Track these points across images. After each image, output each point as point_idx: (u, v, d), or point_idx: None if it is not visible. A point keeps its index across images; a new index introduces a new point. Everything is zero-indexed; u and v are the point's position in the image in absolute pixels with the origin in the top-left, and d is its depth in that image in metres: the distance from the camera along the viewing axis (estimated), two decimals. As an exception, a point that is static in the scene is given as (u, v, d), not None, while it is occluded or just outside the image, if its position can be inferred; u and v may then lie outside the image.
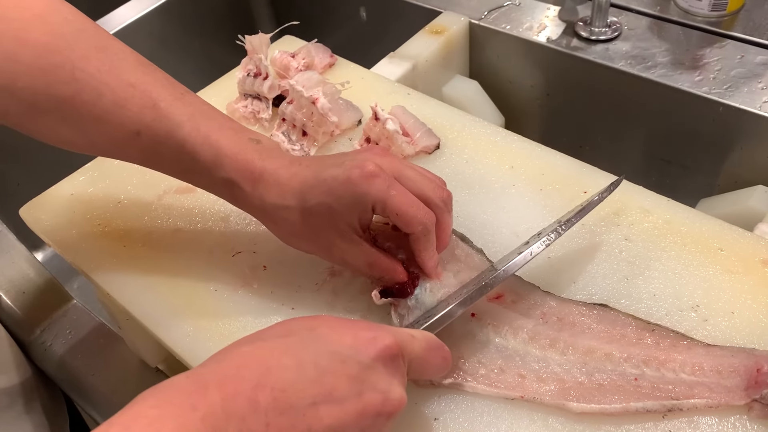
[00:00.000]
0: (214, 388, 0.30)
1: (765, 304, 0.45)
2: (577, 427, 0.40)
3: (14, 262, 0.65)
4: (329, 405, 0.33)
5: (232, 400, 0.30)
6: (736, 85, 0.65)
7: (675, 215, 0.51)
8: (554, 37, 0.74)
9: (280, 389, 0.32)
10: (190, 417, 0.29)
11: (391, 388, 0.35)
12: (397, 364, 0.36)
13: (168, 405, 0.29)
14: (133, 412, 0.29)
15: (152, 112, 0.45)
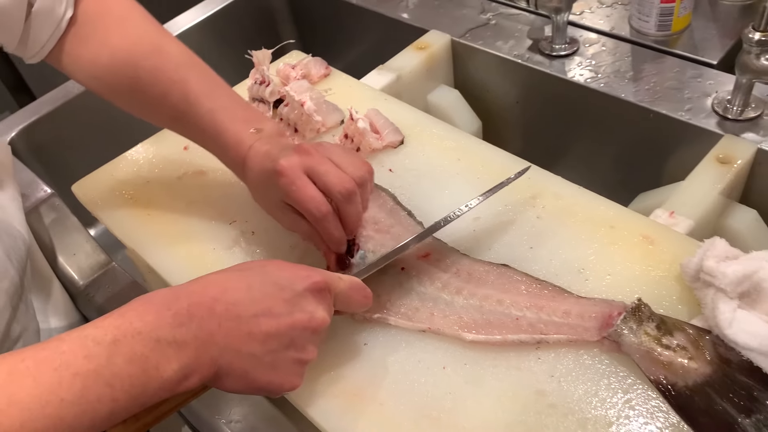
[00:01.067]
0: (184, 297, 0.43)
1: (637, 268, 0.56)
2: (469, 353, 0.53)
3: (68, 231, 0.81)
4: (267, 317, 0.45)
5: (196, 306, 0.43)
6: (666, 95, 0.76)
7: (580, 199, 0.62)
8: (522, 53, 0.86)
9: (231, 303, 0.44)
10: (164, 312, 0.42)
11: (316, 311, 0.47)
12: (323, 295, 0.49)
13: (150, 304, 0.42)
14: (126, 307, 0.42)
15: (185, 104, 0.60)
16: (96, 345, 0.38)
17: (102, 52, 0.62)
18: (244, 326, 0.44)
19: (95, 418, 0.38)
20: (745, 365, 0.49)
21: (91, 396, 0.37)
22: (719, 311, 0.49)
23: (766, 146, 0.69)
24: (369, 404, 0.51)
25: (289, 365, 0.47)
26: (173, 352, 0.40)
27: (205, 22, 1.04)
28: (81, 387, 0.37)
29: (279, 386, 0.47)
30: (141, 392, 0.39)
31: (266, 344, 0.45)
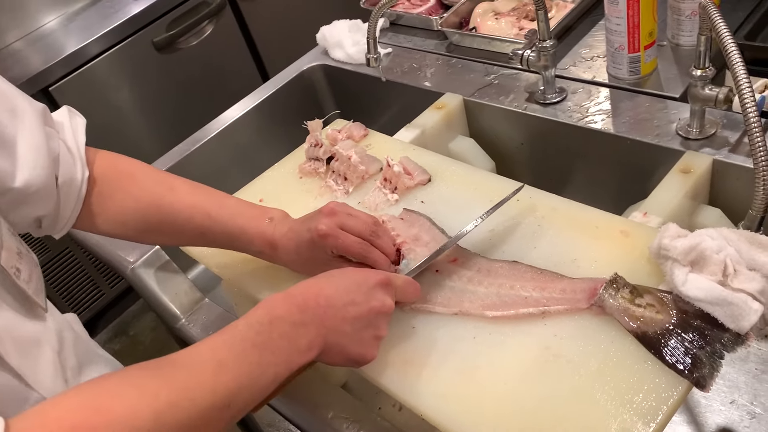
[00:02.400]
0: (298, 295, 0.61)
1: (616, 256, 0.73)
2: (492, 326, 0.70)
3: (170, 275, 1.01)
4: (353, 306, 0.63)
5: (306, 300, 0.61)
6: (639, 125, 0.94)
7: (570, 209, 0.80)
8: (521, 104, 1.06)
9: (327, 296, 0.62)
10: (291, 305, 0.60)
11: (385, 299, 0.65)
12: (388, 288, 0.66)
13: (280, 301, 0.60)
14: (265, 303, 0.60)
15: (209, 221, 0.75)
16: (261, 326, 0.57)
17: (127, 202, 0.74)
18: (339, 312, 0.62)
19: (268, 378, 0.56)
20: (699, 313, 0.65)
21: (264, 360, 0.56)
22: (675, 275, 0.66)
23: (719, 157, 0.86)
24: (422, 368, 0.68)
25: (370, 340, 0.64)
26: (303, 330, 0.59)
27: (262, 105, 1.27)
28: (259, 354, 0.56)
29: (363, 356, 0.64)
30: (288, 359, 0.58)
31: (354, 324, 0.62)
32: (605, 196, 1.04)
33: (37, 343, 0.60)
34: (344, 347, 0.62)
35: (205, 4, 1.93)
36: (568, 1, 1.21)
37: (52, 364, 0.60)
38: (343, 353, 0.63)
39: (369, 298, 0.64)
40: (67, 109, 0.75)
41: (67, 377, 0.62)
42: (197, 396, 0.51)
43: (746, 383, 0.85)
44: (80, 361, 0.66)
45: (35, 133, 0.64)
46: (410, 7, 1.35)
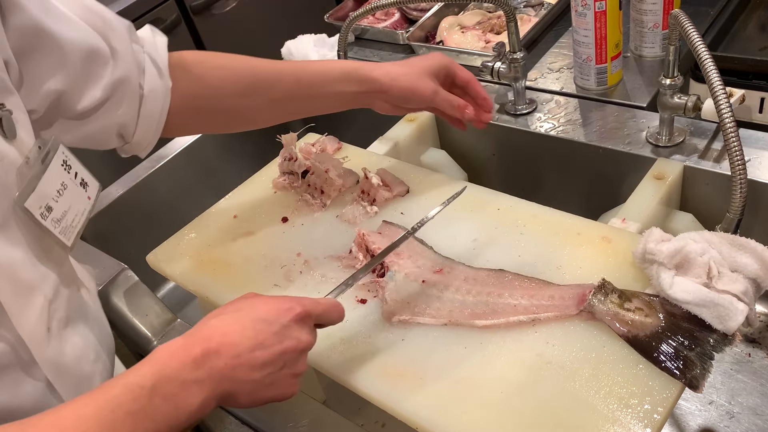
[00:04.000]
0: (197, 345, 0.54)
1: (600, 260, 0.74)
2: (482, 335, 0.69)
3: (139, 296, 0.98)
4: (261, 350, 0.55)
5: (206, 351, 0.54)
6: (610, 134, 0.96)
7: (552, 216, 0.81)
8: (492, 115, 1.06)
9: (232, 344, 0.55)
10: (185, 360, 0.53)
11: (301, 335, 0.58)
12: (305, 321, 0.59)
13: (174, 354, 0.53)
14: (155, 356, 0.53)
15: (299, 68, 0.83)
16: (140, 389, 0.51)
17: (219, 72, 0.80)
18: (244, 361, 0.55)
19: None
20: (686, 315, 0.66)
21: (140, 429, 0.50)
22: (662, 279, 0.67)
23: (689, 163, 0.88)
24: (414, 380, 0.67)
25: (286, 380, 0.58)
26: (197, 389, 0.53)
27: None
28: (132, 423, 0.49)
29: (280, 397, 0.58)
30: (176, 423, 0.52)
31: (264, 370, 0.56)
32: (577, 203, 1.05)
33: (32, 289, 0.59)
34: (254, 394, 0.57)
35: (159, 21, 1.90)
36: (532, 14, 1.24)
37: (39, 311, 0.59)
38: (253, 399, 0.57)
39: (281, 338, 0.57)
40: (150, 27, 0.79)
41: (52, 327, 0.61)
42: None
43: (723, 383, 0.86)
44: (69, 316, 0.65)
45: (124, 44, 0.71)
46: (375, 21, 1.35)
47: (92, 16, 0.69)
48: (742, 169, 0.70)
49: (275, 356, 0.56)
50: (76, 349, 0.64)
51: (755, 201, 0.83)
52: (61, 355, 0.62)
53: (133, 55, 0.73)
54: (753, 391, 0.84)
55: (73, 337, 0.64)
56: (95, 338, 0.69)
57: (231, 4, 2.08)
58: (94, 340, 0.68)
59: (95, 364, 0.67)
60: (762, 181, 0.83)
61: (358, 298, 0.77)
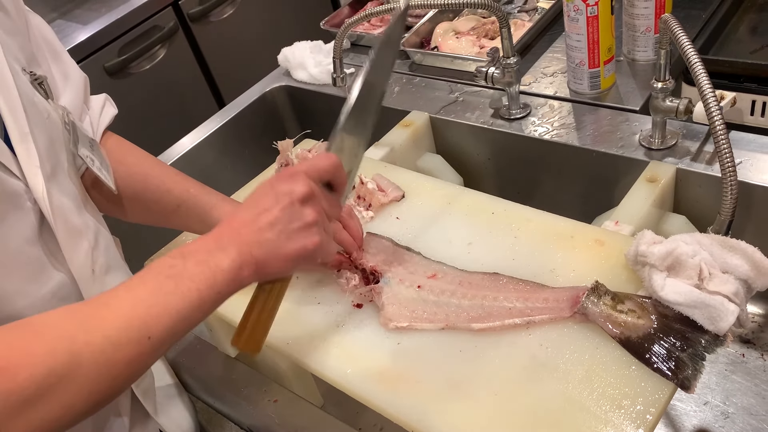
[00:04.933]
0: (212, 230, 0.61)
1: (593, 264, 0.75)
2: (477, 338, 0.70)
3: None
4: (264, 213, 0.60)
5: (221, 230, 0.61)
6: (603, 137, 0.97)
7: (545, 220, 0.82)
8: (486, 120, 1.08)
9: (241, 218, 0.61)
10: (206, 239, 0.59)
11: (293, 186, 0.61)
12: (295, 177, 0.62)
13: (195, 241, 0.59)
14: (180, 246, 0.59)
15: (185, 194, 0.80)
16: (173, 259, 0.57)
17: (120, 170, 0.80)
18: (253, 226, 0.61)
19: (192, 304, 0.55)
20: (679, 317, 0.67)
21: (183, 287, 0.55)
22: (654, 281, 0.68)
23: (682, 166, 0.89)
24: (411, 384, 0.68)
25: (301, 231, 0.61)
26: (222, 255, 0.58)
27: (224, 127, 1.26)
28: (174, 283, 0.55)
29: (303, 248, 0.61)
30: (213, 282, 0.56)
31: (273, 228, 0.60)
32: (571, 206, 1.06)
33: (79, 233, 0.67)
34: (278, 252, 0.60)
35: (157, 29, 1.91)
36: (525, 19, 1.25)
37: (84, 253, 0.68)
38: (281, 258, 0.61)
39: (278, 198, 0.62)
40: (105, 96, 0.84)
41: (96, 270, 0.69)
42: (112, 332, 0.52)
43: (717, 384, 0.87)
44: (108, 263, 0.72)
45: (77, 96, 0.76)
46: (370, 27, 1.36)
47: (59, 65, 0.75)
48: (732, 171, 0.70)
49: (278, 213, 0.61)
50: None
51: (747, 202, 0.84)
52: None
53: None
54: (747, 392, 0.85)
55: (112, 283, 0.71)
56: None
57: (228, 11, 2.09)
58: None
59: None
60: (753, 182, 0.84)
61: (354, 303, 0.78)
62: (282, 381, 0.84)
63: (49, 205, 0.62)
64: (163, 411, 0.82)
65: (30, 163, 0.61)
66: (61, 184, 0.66)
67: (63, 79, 0.76)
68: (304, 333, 0.76)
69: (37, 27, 0.74)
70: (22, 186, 0.61)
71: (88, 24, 1.83)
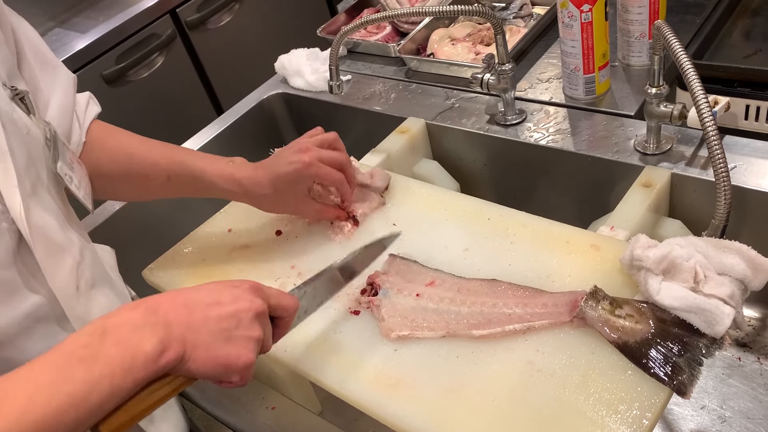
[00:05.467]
0: (150, 300, 0.55)
1: (589, 268, 0.75)
2: (474, 344, 0.70)
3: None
4: (217, 306, 0.57)
5: (159, 302, 0.55)
6: (598, 142, 0.97)
7: (541, 225, 0.82)
8: (482, 126, 1.08)
9: (186, 298, 0.57)
10: (136, 310, 0.54)
11: (255, 300, 0.59)
12: (258, 292, 0.61)
13: (124, 308, 0.54)
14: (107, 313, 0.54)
15: (173, 164, 0.82)
16: (90, 337, 0.51)
17: (102, 153, 0.81)
18: (199, 313, 0.56)
19: (102, 394, 0.49)
20: (677, 321, 0.67)
21: (94, 374, 0.49)
22: (649, 285, 0.68)
23: (677, 171, 0.89)
24: (408, 390, 0.68)
25: (242, 341, 0.57)
26: (149, 332, 0.52)
27: (222, 135, 1.26)
28: (85, 368, 0.49)
29: (236, 358, 0.56)
30: (131, 366, 0.50)
31: (219, 324, 0.56)
32: (567, 212, 1.06)
33: (62, 250, 0.66)
34: (210, 348, 0.55)
35: (155, 36, 1.91)
36: (521, 26, 1.25)
37: (68, 270, 0.66)
38: (209, 355, 0.55)
39: (236, 299, 0.58)
40: (89, 94, 0.85)
41: (80, 285, 0.68)
42: (3, 427, 0.46)
43: (714, 388, 0.87)
44: (95, 279, 0.71)
45: (67, 97, 0.77)
46: (366, 35, 1.37)
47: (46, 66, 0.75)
48: (725, 176, 0.71)
49: (230, 313, 0.57)
50: (101, 308, 0.70)
51: (741, 207, 0.85)
52: (89, 313, 0.68)
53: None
54: (744, 395, 0.85)
55: (98, 297, 0.70)
56: (118, 301, 0.75)
57: (226, 19, 2.10)
58: (117, 302, 0.74)
59: None
60: (748, 187, 0.84)
61: (351, 310, 0.78)
62: (280, 388, 0.85)
63: (26, 225, 0.60)
64: (154, 423, 0.81)
65: (7, 183, 0.59)
66: (42, 200, 0.65)
67: (50, 81, 0.75)
68: (301, 340, 0.76)
69: (22, 31, 0.74)
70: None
71: (86, 32, 1.84)
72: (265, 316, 0.61)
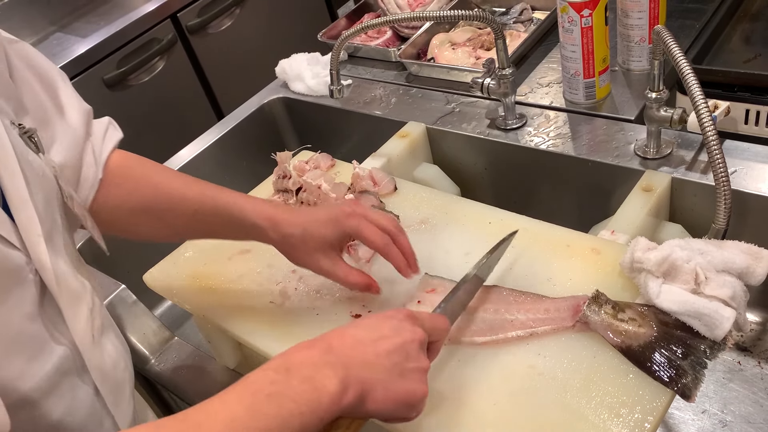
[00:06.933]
0: (320, 340, 0.55)
1: (590, 272, 0.75)
2: (474, 349, 0.70)
3: (137, 315, 0.99)
4: (384, 340, 0.56)
5: (331, 342, 0.55)
6: (599, 147, 0.98)
7: (542, 229, 0.82)
8: (483, 130, 1.08)
9: (354, 336, 0.56)
10: (311, 350, 0.54)
11: (415, 330, 0.59)
12: (415, 320, 0.60)
13: (298, 348, 0.54)
14: (282, 352, 0.53)
15: (201, 197, 0.75)
16: (276, 374, 0.51)
17: (128, 185, 0.76)
18: (369, 349, 0.56)
19: (292, 431, 0.49)
20: (679, 324, 0.67)
21: (284, 411, 0.49)
22: (649, 288, 0.68)
23: (677, 175, 0.90)
24: (407, 394, 0.68)
25: (414, 373, 0.57)
26: (330, 372, 0.52)
27: (223, 139, 1.26)
28: (276, 404, 0.49)
29: (413, 393, 0.56)
30: (317, 406, 0.50)
31: (390, 358, 0.56)
32: (567, 216, 1.06)
33: (79, 298, 0.64)
34: (387, 385, 0.55)
35: (156, 41, 1.92)
36: (521, 30, 1.26)
37: (85, 318, 0.64)
38: (390, 393, 0.55)
39: (399, 330, 0.58)
40: (108, 120, 0.79)
41: (94, 334, 0.65)
42: None
43: (715, 392, 0.87)
44: (104, 325, 0.69)
45: (78, 129, 0.72)
46: (367, 39, 1.37)
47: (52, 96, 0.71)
48: (725, 181, 0.71)
49: (399, 344, 0.57)
50: (112, 356, 0.68)
51: (742, 211, 0.85)
52: (103, 362, 0.66)
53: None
54: (745, 400, 0.85)
55: (107, 345, 0.68)
56: (122, 347, 0.73)
57: (226, 23, 2.10)
58: (121, 348, 0.72)
59: (125, 372, 0.71)
60: (748, 191, 0.84)
61: (353, 314, 0.78)
62: (281, 392, 0.84)
63: (53, 275, 0.58)
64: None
65: (31, 232, 0.57)
66: (57, 246, 0.62)
67: (59, 113, 0.71)
68: (302, 344, 0.76)
69: (25, 57, 0.68)
70: (24, 257, 0.57)
71: (87, 37, 1.84)
72: (425, 343, 0.60)
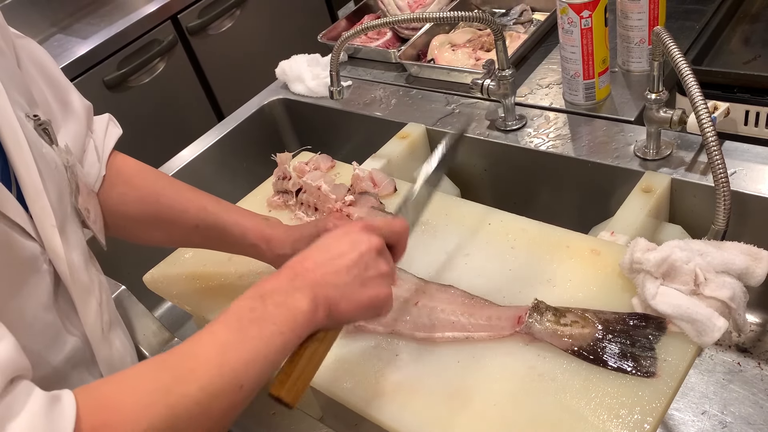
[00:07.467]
0: (285, 269, 0.60)
1: (590, 272, 0.75)
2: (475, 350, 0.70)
3: (137, 316, 0.99)
4: (340, 257, 0.61)
5: (293, 268, 0.60)
6: (598, 148, 0.98)
7: (541, 230, 0.82)
8: (482, 132, 1.08)
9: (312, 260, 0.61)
10: (279, 278, 0.59)
11: (371, 239, 0.63)
12: (371, 230, 0.64)
13: (266, 279, 0.59)
14: (254, 285, 0.58)
15: (203, 212, 0.79)
16: (253, 302, 0.56)
17: (129, 193, 0.78)
18: (330, 268, 0.61)
19: (276, 348, 0.55)
20: (617, 318, 0.68)
21: (267, 332, 0.55)
22: (646, 288, 0.68)
23: (677, 176, 0.90)
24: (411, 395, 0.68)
25: (374, 280, 0.62)
26: (299, 295, 0.57)
27: (223, 140, 1.26)
28: (258, 327, 0.55)
29: (376, 297, 0.62)
30: (294, 325, 0.56)
31: (350, 272, 0.61)
32: (567, 217, 1.06)
33: (89, 291, 0.65)
34: (351, 296, 0.60)
35: (156, 42, 1.92)
36: (521, 32, 1.26)
37: (95, 312, 0.66)
38: (354, 302, 0.61)
39: (356, 243, 0.62)
40: (108, 116, 0.81)
41: (103, 327, 0.67)
42: (205, 382, 0.51)
43: (715, 393, 0.87)
44: (112, 320, 0.71)
45: (80, 126, 0.73)
46: (367, 40, 1.37)
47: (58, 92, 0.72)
48: (725, 182, 0.71)
49: (355, 258, 0.61)
50: (119, 351, 0.70)
51: (742, 212, 0.85)
52: (111, 356, 0.68)
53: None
54: (745, 401, 0.85)
55: (115, 340, 0.70)
56: (128, 343, 0.75)
57: (227, 25, 2.11)
58: (128, 344, 0.74)
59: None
60: (747, 192, 0.84)
61: (352, 314, 0.78)
62: (280, 393, 0.85)
63: (66, 265, 0.60)
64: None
65: (46, 222, 0.59)
66: (70, 238, 0.63)
67: (62, 109, 0.72)
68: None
69: (30, 53, 0.70)
70: (38, 248, 0.59)
71: (87, 38, 1.84)
72: (384, 249, 0.64)
